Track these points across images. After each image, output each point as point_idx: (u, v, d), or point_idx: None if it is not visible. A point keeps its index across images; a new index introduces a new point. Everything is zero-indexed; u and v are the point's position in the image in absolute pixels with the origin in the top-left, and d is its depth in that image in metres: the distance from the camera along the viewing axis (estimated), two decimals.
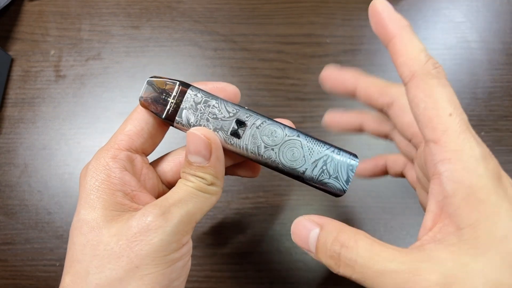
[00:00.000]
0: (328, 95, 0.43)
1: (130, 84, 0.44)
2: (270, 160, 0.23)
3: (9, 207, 0.40)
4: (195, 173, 0.22)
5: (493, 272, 0.16)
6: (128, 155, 0.23)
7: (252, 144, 0.23)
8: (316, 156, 0.23)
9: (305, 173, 0.23)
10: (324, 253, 0.20)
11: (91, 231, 0.20)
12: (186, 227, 0.21)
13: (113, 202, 0.21)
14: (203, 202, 0.22)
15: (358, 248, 0.18)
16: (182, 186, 0.22)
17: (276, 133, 0.23)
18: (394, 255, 0.18)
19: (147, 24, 0.46)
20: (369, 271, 0.18)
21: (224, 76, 0.44)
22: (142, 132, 0.23)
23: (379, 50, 0.45)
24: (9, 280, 0.38)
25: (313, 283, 0.38)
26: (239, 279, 0.38)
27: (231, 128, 0.23)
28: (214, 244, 0.39)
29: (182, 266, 0.21)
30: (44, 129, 0.42)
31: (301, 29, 0.46)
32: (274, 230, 0.39)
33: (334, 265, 0.19)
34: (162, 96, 0.23)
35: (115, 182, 0.21)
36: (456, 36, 0.45)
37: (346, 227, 0.20)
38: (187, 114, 0.23)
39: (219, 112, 0.23)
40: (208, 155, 0.22)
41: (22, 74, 0.44)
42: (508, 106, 0.43)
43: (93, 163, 0.22)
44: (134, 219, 0.20)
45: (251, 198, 0.40)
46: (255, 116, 0.23)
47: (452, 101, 0.19)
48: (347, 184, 0.23)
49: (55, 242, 0.39)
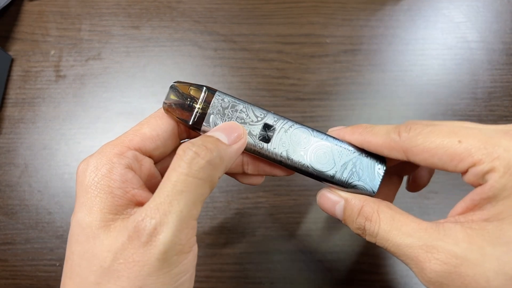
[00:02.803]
0: (328, 95, 0.43)
1: (130, 84, 0.44)
2: (299, 164, 0.23)
3: (9, 207, 0.40)
4: (204, 142, 0.20)
5: (509, 263, 0.16)
6: (136, 155, 0.22)
7: (281, 148, 0.23)
8: (345, 159, 0.23)
9: (335, 176, 0.23)
10: (351, 224, 0.22)
11: (87, 241, 0.19)
12: (183, 230, 0.19)
13: (111, 204, 0.20)
14: (196, 191, 0.19)
15: (380, 221, 0.20)
16: (171, 177, 0.19)
17: (304, 137, 0.23)
18: (414, 229, 0.19)
19: (147, 24, 0.46)
20: (388, 243, 0.19)
21: (224, 76, 0.44)
22: (157, 138, 0.22)
23: (378, 50, 0.45)
24: (9, 280, 0.38)
25: (313, 283, 0.38)
26: (239, 279, 0.38)
27: (260, 132, 0.23)
28: (214, 244, 0.39)
29: (188, 270, 0.20)
30: (44, 129, 0.42)
31: (301, 29, 0.46)
32: (274, 230, 0.39)
33: (361, 234, 0.22)
34: (187, 101, 0.23)
35: (115, 178, 0.20)
36: (456, 36, 0.45)
37: (369, 199, 0.22)
38: (215, 119, 0.22)
39: (247, 117, 0.23)
40: (235, 137, 0.21)
41: (22, 74, 0.44)
42: (508, 106, 0.43)
43: (96, 157, 0.21)
44: (127, 236, 0.18)
45: (251, 198, 0.40)
46: (283, 120, 0.23)
47: (447, 133, 0.18)
48: (376, 186, 0.23)
49: (55, 242, 0.39)
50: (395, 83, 0.44)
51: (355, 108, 0.43)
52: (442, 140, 0.18)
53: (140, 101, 0.43)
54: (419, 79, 0.44)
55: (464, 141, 0.17)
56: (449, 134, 0.18)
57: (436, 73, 0.44)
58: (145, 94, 0.43)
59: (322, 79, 0.44)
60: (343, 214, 0.23)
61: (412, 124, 0.20)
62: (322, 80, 0.44)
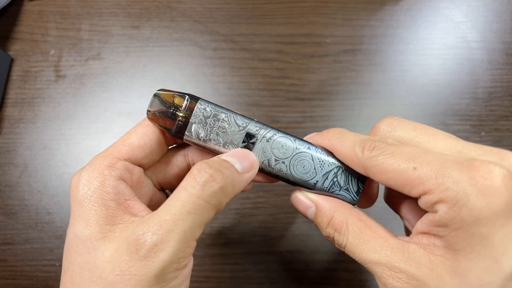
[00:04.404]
0: (328, 95, 0.43)
1: (130, 84, 0.44)
2: (281, 172, 0.23)
3: (9, 207, 0.40)
4: (221, 166, 0.20)
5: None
6: (126, 165, 0.22)
7: (262, 157, 0.23)
8: (327, 168, 0.23)
9: (316, 185, 0.23)
10: (321, 231, 0.22)
11: (88, 252, 0.19)
12: (184, 250, 0.19)
13: (106, 215, 0.20)
14: (203, 214, 0.19)
15: (349, 234, 0.21)
16: (180, 196, 0.19)
17: (286, 146, 0.23)
18: (380, 245, 0.19)
19: (147, 24, 0.46)
20: (355, 256, 0.20)
21: (224, 76, 0.44)
22: (144, 147, 0.23)
23: (379, 50, 0.45)
24: (9, 280, 0.38)
25: (313, 283, 0.38)
26: (239, 279, 0.38)
27: (241, 142, 0.23)
28: (214, 244, 0.39)
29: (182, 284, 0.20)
30: (44, 129, 0.42)
31: (301, 29, 0.46)
32: (274, 230, 0.39)
33: (331, 241, 0.22)
34: (170, 110, 0.22)
35: (108, 191, 0.20)
36: (456, 36, 0.45)
37: (339, 208, 0.22)
38: (197, 129, 0.22)
39: (229, 126, 0.23)
40: (247, 167, 0.22)
41: (22, 74, 0.44)
42: (508, 106, 0.43)
43: (87, 170, 0.21)
44: (126, 248, 0.19)
45: (251, 198, 0.40)
46: (265, 129, 0.23)
47: (406, 157, 0.18)
48: (357, 195, 0.23)
49: (55, 242, 0.39)
50: (395, 83, 0.44)
51: (355, 108, 0.43)
52: (399, 164, 0.18)
53: (140, 101, 0.43)
54: (419, 79, 0.44)
55: (419, 169, 0.18)
56: (407, 159, 0.18)
57: (436, 73, 0.44)
58: (145, 94, 0.43)
59: (322, 79, 0.44)
60: (314, 220, 0.23)
61: (377, 143, 0.20)
62: (322, 80, 0.44)
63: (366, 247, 0.20)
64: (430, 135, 0.20)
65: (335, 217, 0.21)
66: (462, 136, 0.41)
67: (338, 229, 0.21)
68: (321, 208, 0.22)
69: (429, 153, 0.18)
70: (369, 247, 0.20)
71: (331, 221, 0.22)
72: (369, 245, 0.20)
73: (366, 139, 0.20)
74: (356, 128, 0.42)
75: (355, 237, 0.20)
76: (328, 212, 0.22)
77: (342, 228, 0.21)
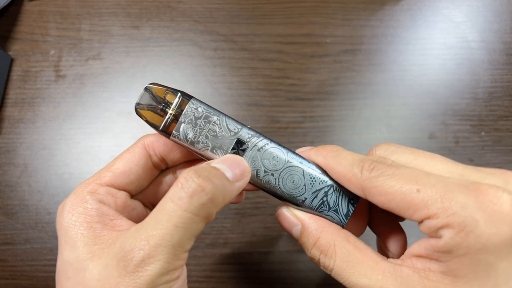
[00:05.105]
0: (328, 95, 0.43)
1: (130, 84, 0.44)
2: (269, 184, 0.22)
3: (9, 207, 0.40)
4: (211, 175, 0.19)
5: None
6: (109, 190, 0.22)
7: (251, 167, 0.22)
8: (317, 186, 0.21)
9: (305, 202, 0.22)
10: (306, 252, 0.21)
11: (77, 274, 0.19)
12: (173, 263, 0.18)
13: (93, 236, 0.19)
14: (191, 227, 0.18)
15: (336, 257, 0.19)
16: (167, 208, 0.18)
17: (277, 158, 0.22)
18: (371, 269, 0.18)
19: (147, 24, 0.46)
20: (343, 280, 0.19)
21: (224, 76, 0.44)
22: (129, 172, 0.22)
23: (379, 50, 0.45)
24: (9, 280, 0.38)
25: (313, 283, 0.38)
26: (239, 279, 0.38)
27: (231, 148, 0.21)
28: (214, 244, 0.39)
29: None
30: (44, 129, 0.42)
31: (301, 29, 0.46)
32: (274, 230, 0.39)
33: (316, 263, 0.21)
34: (160, 105, 0.22)
35: (92, 214, 0.20)
36: (456, 36, 0.45)
37: (326, 228, 0.21)
38: (185, 129, 0.21)
39: (220, 130, 0.21)
40: (238, 175, 0.20)
41: (22, 74, 0.44)
42: (508, 106, 0.43)
43: (71, 198, 0.21)
44: (115, 264, 0.18)
45: (251, 198, 0.40)
46: (257, 137, 0.22)
47: (408, 179, 0.18)
48: (346, 218, 0.22)
49: (55, 242, 0.39)
50: (395, 83, 0.44)
51: (355, 108, 0.43)
52: (402, 186, 0.17)
53: None
54: (419, 79, 0.44)
55: (423, 191, 0.17)
56: (410, 181, 0.17)
57: (436, 73, 0.44)
58: None
59: (322, 79, 0.44)
60: (299, 240, 0.22)
61: (376, 164, 0.19)
62: (322, 80, 0.44)
63: (355, 270, 0.19)
64: (429, 158, 0.19)
65: (322, 238, 0.20)
66: (462, 136, 0.41)
67: (325, 251, 0.20)
68: (307, 227, 0.21)
69: (431, 175, 0.17)
70: (359, 271, 0.19)
71: (317, 242, 0.20)
72: (358, 269, 0.19)
73: (365, 159, 0.19)
74: (356, 128, 0.42)
75: (343, 260, 0.19)
76: (315, 232, 0.21)
77: (329, 250, 0.20)
